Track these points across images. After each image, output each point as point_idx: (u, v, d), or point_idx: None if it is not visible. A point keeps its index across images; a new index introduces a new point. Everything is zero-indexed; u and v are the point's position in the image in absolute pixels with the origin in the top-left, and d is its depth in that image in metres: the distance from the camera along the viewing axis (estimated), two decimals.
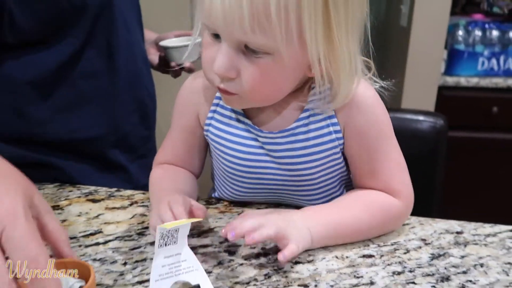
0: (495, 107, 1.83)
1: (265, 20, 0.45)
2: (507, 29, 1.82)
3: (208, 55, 0.52)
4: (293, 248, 0.50)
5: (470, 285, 0.50)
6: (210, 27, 0.50)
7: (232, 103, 0.57)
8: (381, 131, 0.58)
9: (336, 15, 0.47)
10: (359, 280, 0.50)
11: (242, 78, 0.50)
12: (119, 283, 0.50)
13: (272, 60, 0.49)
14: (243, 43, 0.48)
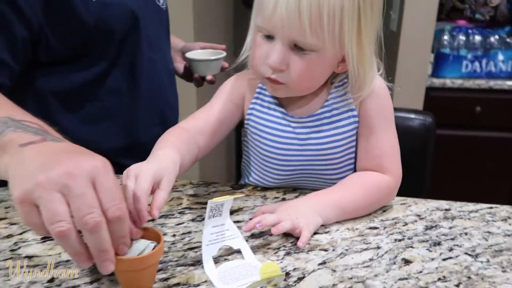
0: (478, 106, 1.96)
1: (319, 26, 0.59)
2: (489, 34, 1.95)
3: (261, 52, 0.65)
4: (306, 235, 0.61)
5: (457, 248, 0.62)
6: (267, 29, 0.63)
7: (278, 91, 0.69)
8: (385, 116, 0.72)
9: (365, 20, 0.62)
10: (368, 245, 0.62)
11: (290, 70, 0.64)
12: (173, 250, 0.60)
13: (315, 56, 0.63)
14: (294, 42, 0.62)
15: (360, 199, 0.69)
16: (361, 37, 0.62)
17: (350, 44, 0.62)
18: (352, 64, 0.64)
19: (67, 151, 0.49)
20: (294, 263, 0.58)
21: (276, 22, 0.60)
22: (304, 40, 0.61)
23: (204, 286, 0.53)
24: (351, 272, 0.56)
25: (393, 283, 0.54)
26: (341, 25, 0.60)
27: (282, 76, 0.65)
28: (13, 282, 0.53)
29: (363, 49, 0.64)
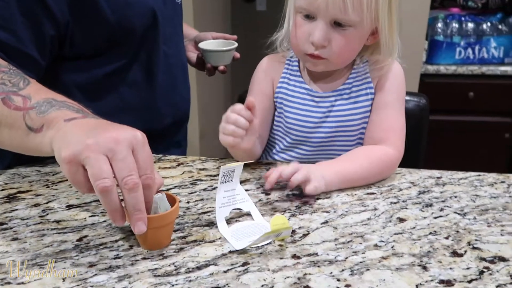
0: (472, 92, 2.02)
1: (358, 3, 0.68)
2: (481, 21, 2.01)
3: (303, 32, 0.73)
4: (315, 184, 0.68)
5: (447, 208, 0.68)
6: (310, 10, 0.71)
7: (319, 66, 0.77)
8: (398, 94, 0.81)
9: (395, 4, 0.72)
10: (366, 207, 0.68)
11: (332, 46, 0.72)
12: (188, 214, 0.66)
13: (353, 31, 0.72)
14: (334, 19, 0.70)
15: (364, 170, 0.74)
16: (392, 9, 0.72)
17: (383, 16, 0.71)
18: (384, 33, 0.73)
19: (109, 124, 0.55)
20: (299, 222, 0.63)
21: (320, 3, 0.69)
22: (346, 17, 0.69)
23: (219, 242, 0.59)
24: (351, 229, 0.62)
25: (389, 237, 0.60)
26: (376, 2, 0.70)
27: (324, 52, 0.73)
28: (46, 241, 0.59)
29: (393, 20, 0.73)
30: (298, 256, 0.55)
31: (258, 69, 0.88)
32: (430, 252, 0.57)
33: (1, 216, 0.65)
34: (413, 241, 0.59)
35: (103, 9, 0.76)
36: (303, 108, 0.82)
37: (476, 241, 0.59)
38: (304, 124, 0.82)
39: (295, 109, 0.83)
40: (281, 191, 0.73)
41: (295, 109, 0.83)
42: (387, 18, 0.72)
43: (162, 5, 0.87)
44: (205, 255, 0.56)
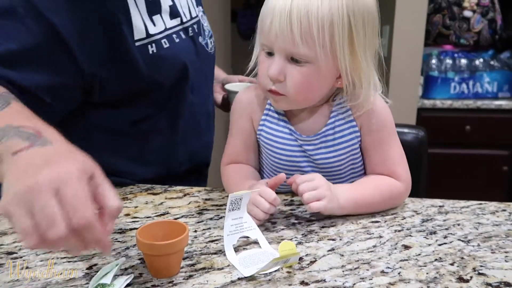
0: (468, 126, 2.06)
1: (309, 36, 0.66)
2: (474, 58, 2.08)
3: (264, 67, 0.72)
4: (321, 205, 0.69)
5: (451, 236, 0.69)
6: (267, 45, 0.70)
7: (279, 103, 0.74)
8: (389, 130, 0.78)
9: (357, 35, 0.67)
10: (371, 235, 0.69)
11: (288, 80, 0.70)
12: (196, 242, 0.67)
13: (311, 68, 0.68)
14: (290, 54, 0.68)
15: (376, 200, 0.75)
16: (354, 48, 0.67)
17: (342, 54, 0.67)
18: (346, 74, 0.69)
19: (45, 159, 0.49)
20: (306, 250, 0.64)
21: (272, 36, 0.68)
22: (297, 51, 0.67)
23: (227, 269, 0.59)
24: (357, 256, 0.63)
25: (395, 264, 0.61)
26: (331, 36, 0.66)
27: (281, 87, 0.71)
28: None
29: (357, 61, 0.68)
30: (306, 282, 0.56)
31: (235, 106, 0.84)
32: (436, 278, 0.57)
33: (11, 245, 0.66)
34: (419, 267, 0.60)
35: (137, 62, 0.77)
36: (288, 149, 0.79)
37: (481, 267, 0.60)
38: (290, 164, 0.80)
39: (280, 150, 0.80)
40: (287, 220, 0.74)
41: (280, 150, 0.80)
42: (348, 57, 0.68)
43: (195, 56, 0.89)
44: (214, 282, 0.56)
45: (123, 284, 0.55)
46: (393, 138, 0.79)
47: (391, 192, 0.77)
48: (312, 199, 0.68)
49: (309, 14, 0.65)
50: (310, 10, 0.65)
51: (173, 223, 0.61)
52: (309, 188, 0.69)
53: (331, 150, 0.78)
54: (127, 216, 0.76)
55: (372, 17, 0.70)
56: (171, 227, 0.60)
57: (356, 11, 0.67)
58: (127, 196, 0.85)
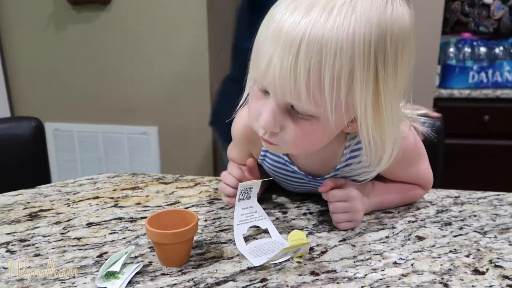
0: (487, 116, 2.01)
1: (318, 91, 0.49)
2: (493, 46, 2.02)
3: (255, 107, 0.56)
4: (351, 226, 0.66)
5: (467, 227, 0.67)
6: (262, 85, 0.53)
7: (273, 149, 0.61)
8: (416, 158, 0.69)
9: (385, 85, 0.50)
10: (383, 226, 0.67)
11: (285, 134, 0.55)
12: (206, 232, 0.66)
13: (315, 122, 0.53)
14: (290, 104, 0.53)
15: (395, 203, 0.73)
16: (380, 102, 0.51)
17: (363, 112, 0.51)
18: (366, 135, 0.53)
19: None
20: (317, 240, 0.63)
21: (269, 81, 0.51)
22: (300, 105, 0.51)
23: (237, 258, 0.59)
24: (369, 246, 0.61)
25: (408, 255, 0.59)
26: (350, 91, 0.49)
27: (274, 139, 0.56)
28: (67, 257, 0.60)
29: (382, 117, 0.52)
30: (316, 272, 0.55)
31: (234, 139, 0.73)
32: (451, 270, 0.56)
33: (23, 233, 0.66)
34: (433, 259, 0.58)
35: None
36: (295, 183, 0.73)
37: (498, 259, 0.58)
38: (299, 191, 0.76)
39: (287, 182, 0.74)
40: (298, 210, 0.73)
41: (287, 182, 0.74)
42: (370, 114, 0.51)
43: None
44: (223, 271, 0.56)
45: (132, 272, 0.55)
46: (421, 161, 0.70)
47: (412, 198, 0.75)
48: (343, 221, 0.65)
49: (323, 62, 0.47)
50: (325, 56, 0.47)
51: (182, 212, 0.60)
52: (342, 210, 0.65)
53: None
54: (138, 205, 0.76)
55: (408, 51, 0.52)
56: (181, 216, 0.60)
57: (388, 45, 0.49)
58: (138, 185, 0.85)
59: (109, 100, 1.94)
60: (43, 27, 1.89)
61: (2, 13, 1.91)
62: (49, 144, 2.00)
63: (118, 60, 1.88)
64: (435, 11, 1.92)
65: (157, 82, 1.88)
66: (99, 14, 1.83)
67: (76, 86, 1.95)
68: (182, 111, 1.88)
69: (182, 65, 1.84)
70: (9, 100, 2.00)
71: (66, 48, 1.90)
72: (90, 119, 1.98)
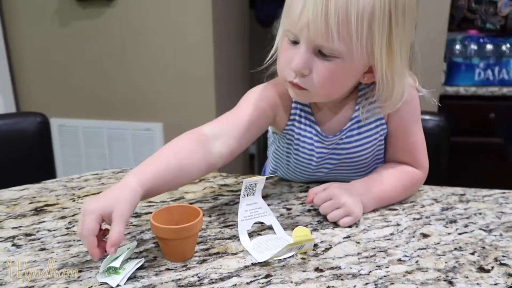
0: (493, 113, 2.00)
1: (346, 30, 0.58)
2: (500, 43, 2.01)
3: (286, 57, 0.65)
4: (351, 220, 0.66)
5: (472, 225, 0.66)
6: (293, 33, 0.62)
7: (300, 96, 0.69)
8: (415, 116, 0.75)
9: (396, 28, 0.60)
10: (388, 223, 0.67)
11: (313, 76, 0.63)
12: (210, 227, 0.66)
13: (340, 63, 0.62)
14: (319, 47, 0.61)
15: (397, 193, 0.74)
16: (392, 44, 0.61)
17: (379, 51, 0.60)
18: (381, 72, 0.63)
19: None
20: (321, 237, 0.63)
21: (303, 25, 0.60)
22: (330, 45, 0.60)
23: (241, 254, 0.59)
24: (374, 243, 0.61)
25: (413, 252, 0.59)
26: (370, 30, 0.59)
27: (304, 81, 0.64)
28: (72, 251, 0.60)
29: (394, 57, 0.62)
30: (321, 269, 0.55)
31: (256, 90, 0.75)
32: (456, 267, 0.56)
33: (29, 227, 0.67)
34: (438, 257, 0.58)
35: None
36: (313, 149, 0.76)
37: (503, 257, 0.58)
38: (314, 163, 0.77)
39: (306, 149, 0.76)
40: (302, 206, 0.73)
41: (306, 149, 0.76)
42: (385, 54, 0.61)
43: None
44: (228, 266, 0.56)
45: (133, 267, 0.55)
46: (418, 126, 0.76)
47: (412, 182, 0.75)
48: (338, 218, 0.66)
49: (349, 3, 0.57)
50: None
51: (187, 208, 0.61)
52: (332, 207, 0.67)
53: (355, 145, 0.75)
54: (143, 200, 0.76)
55: (413, 6, 0.63)
56: (185, 211, 0.60)
57: (400, 1, 0.60)
58: None
59: (114, 96, 1.94)
60: (49, 23, 1.89)
61: (8, 9, 1.91)
62: (54, 139, 2.01)
63: (123, 56, 1.88)
64: (441, 8, 1.90)
65: (161, 78, 1.88)
66: (104, 10, 1.83)
67: (81, 82, 1.96)
68: (187, 108, 1.88)
69: (187, 61, 1.84)
70: (15, 96, 2.01)
71: (71, 44, 1.91)
72: (95, 115, 1.98)
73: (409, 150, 0.76)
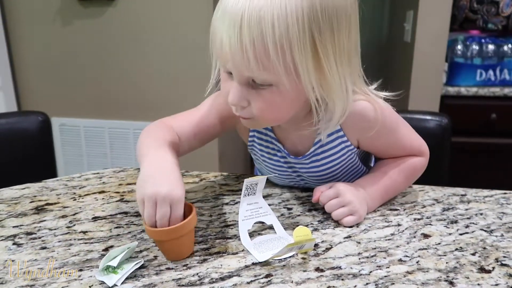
0: (494, 114, 2.00)
1: (266, 59, 0.54)
2: (502, 43, 2.00)
3: (225, 89, 0.63)
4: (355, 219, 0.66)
5: (473, 225, 0.66)
6: (223, 65, 0.60)
7: (250, 125, 0.68)
8: (391, 127, 0.70)
9: (323, 49, 0.56)
10: (389, 223, 0.67)
11: (252, 106, 0.61)
12: (211, 227, 0.66)
13: (275, 90, 0.58)
14: (250, 78, 0.58)
15: (401, 185, 0.74)
16: (321, 63, 0.56)
17: (306, 73, 0.56)
18: (313, 94, 0.59)
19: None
20: (322, 237, 0.63)
21: (225, 59, 0.58)
22: (255, 75, 0.57)
23: (242, 254, 0.59)
24: (375, 243, 0.61)
25: (414, 252, 0.59)
26: (291, 55, 0.55)
27: (245, 112, 0.62)
28: (73, 250, 0.60)
29: (326, 75, 0.58)
30: (321, 269, 0.55)
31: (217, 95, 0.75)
32: (456, 268, 0.55)
33: (30, 226, 0.67)
34: (438, 257, 0.58)
35: None
36: (279, 165, 0.76)
37: (504, 257, 0.58)
38: (284, 177, 0.78)
39: (272, 166, 0.77)
40: (303, 206, 0.73)
41: (272, 166, 0.77)
42: (314, 75, 0.57)
43: None
44: (228, 266, 0.56)
45: (132, 268, 0.55)
46: (400, 130, 0.72)
47: (415, 169, 0.75)
48: (343, 216, 0.66)
49: (263, 33, 0.53)
50: (264, 27, 0.53)
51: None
52: (338, 205, 0.67)
53: (323, 168, 0.73)
54: None
55: (343, 11, 0.57)
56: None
57: (319, 13, 0.54)
58: None
59: (115, 95, 1.95)
60: (50, 22, 1.89)
61: (10, 8, 1.91)
62: (56, 138, 2.01)
63: (125, 56, 1.88)
64: (443, 8, 1.90)
65: (163, 78, 1.88)
66: (105, 9, 1.83)
67: (82, 81, 1.96)
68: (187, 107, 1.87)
69: (188, 60, 1.84)
70: (16, 95, 2.02)
71: (73, 43, 1.91)
72: (96, 115, 1.99)
73: (401, 152, 0.74)
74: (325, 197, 0.68)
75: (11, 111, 1.86)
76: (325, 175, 0.75)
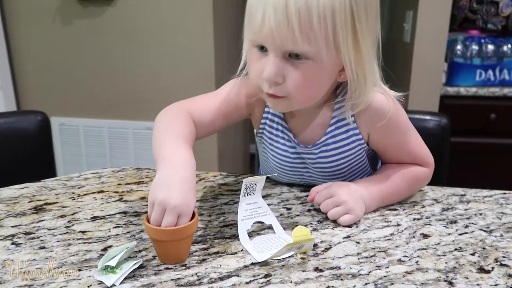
0: (493, 114, 2.00)
1: (310, 30, 0.57)
2: (501, 43, 2.00)
3: (257, 68, 0.63)
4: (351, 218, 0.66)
5: (472, 225, 0.66)
6: (259, 42, 0.61)
7: (279, 106, 0.67)
8: (401, 127, 0.71)
9: (359, 25, 0.59)
10: (388, 223, 0.67)
11: (287, 82, 0.61)
12: (210, 227, 0.66)
13: (312, 64, 0.60)
14: (288, 52, 0.59)
15: (402, 190, 0.74)
16: (357, 39, 0.60)
17: (346, 47, 0.59)
18: (350, 69, 0.62)
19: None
20: (321, 237, 0.63)
21: (267, 33, 0.58)
22: (297, 48, 0.58)
23: (241, 254, 0.59)
24: (374, 243, 0.61)
25: (413, 252, 0.59)
26: (334, 28, 0.57)
27: (280, 90, 0.62)
28: (71, 250, 0.60)
29: (361, 52, 0.61)
30: (320, 269, 0.55)
31: (241, 82, 0.74)
32: (456, 268, 0.55)
33: (29, 226, 0.67)
34: (438, 257, 0.58)
35: None
36: (287, 155, 0.76)
37: (503, 258, 0.58)
38: (289, 169, 0.78)
39: (280, 156, 0.77)
40: (302, 206, 0.73)
41: (280, 156, 0.77)
42: (352, 49, 0.60)
43: None
44: (227, 266, 0.56)
45: (130, 268, 0.55)
46: (408, 132, 0.72)
47: (417, 179, 0.75)
48: (338, 215, 0.66)
49: (308, 3, 0.56)
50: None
51: None
52: (332, 205, 0.67)
53: (330, 160, 0.73)
54: (142, 199, 0.76)
55: (375, 2, 0.62)
56: None
57: None
58: (143, 180, 0.85)
59: (115, 95, 1.94)
60: (50, 22, 1.89)
61: (9, 7, 1.91)
62: (55, 138, 2.01)
63: (124, 55, 1.88)
64: (443, 8, 1.90)
65: (162, 77, 1.88)
66: (105, 9, 1.83)
67: (82, 81, 1.95)
68: None
69: (187, 60, 1.83)
70: (16, 94, 2.01)
71: (72, 43, 1.90)
72: (95, 114, 1.98)
73: (407, 156, 0.74)
74: (320, 197, 0.69)
75: (10, 110, 1.86)
76: (332, 167, 0.74)
